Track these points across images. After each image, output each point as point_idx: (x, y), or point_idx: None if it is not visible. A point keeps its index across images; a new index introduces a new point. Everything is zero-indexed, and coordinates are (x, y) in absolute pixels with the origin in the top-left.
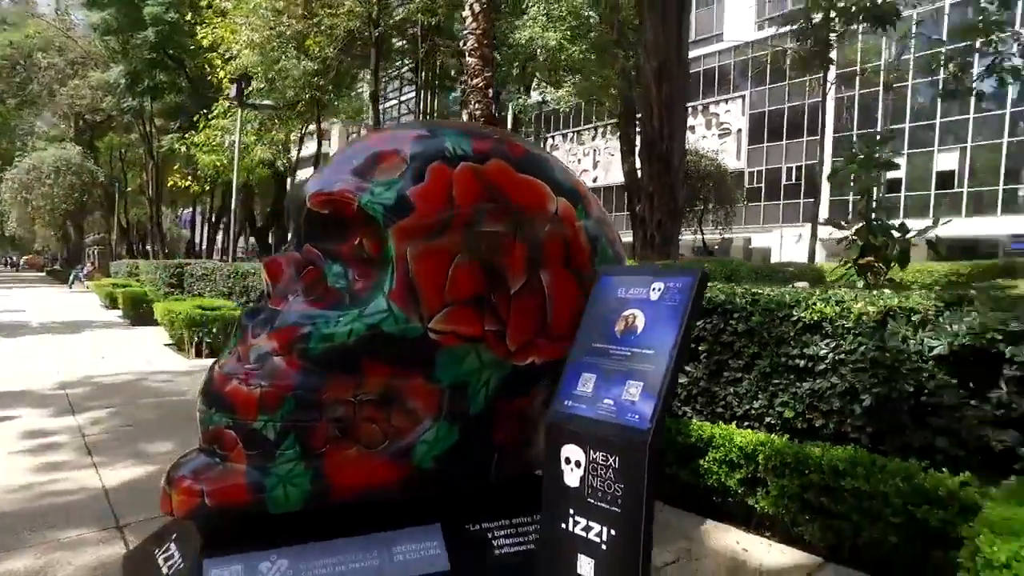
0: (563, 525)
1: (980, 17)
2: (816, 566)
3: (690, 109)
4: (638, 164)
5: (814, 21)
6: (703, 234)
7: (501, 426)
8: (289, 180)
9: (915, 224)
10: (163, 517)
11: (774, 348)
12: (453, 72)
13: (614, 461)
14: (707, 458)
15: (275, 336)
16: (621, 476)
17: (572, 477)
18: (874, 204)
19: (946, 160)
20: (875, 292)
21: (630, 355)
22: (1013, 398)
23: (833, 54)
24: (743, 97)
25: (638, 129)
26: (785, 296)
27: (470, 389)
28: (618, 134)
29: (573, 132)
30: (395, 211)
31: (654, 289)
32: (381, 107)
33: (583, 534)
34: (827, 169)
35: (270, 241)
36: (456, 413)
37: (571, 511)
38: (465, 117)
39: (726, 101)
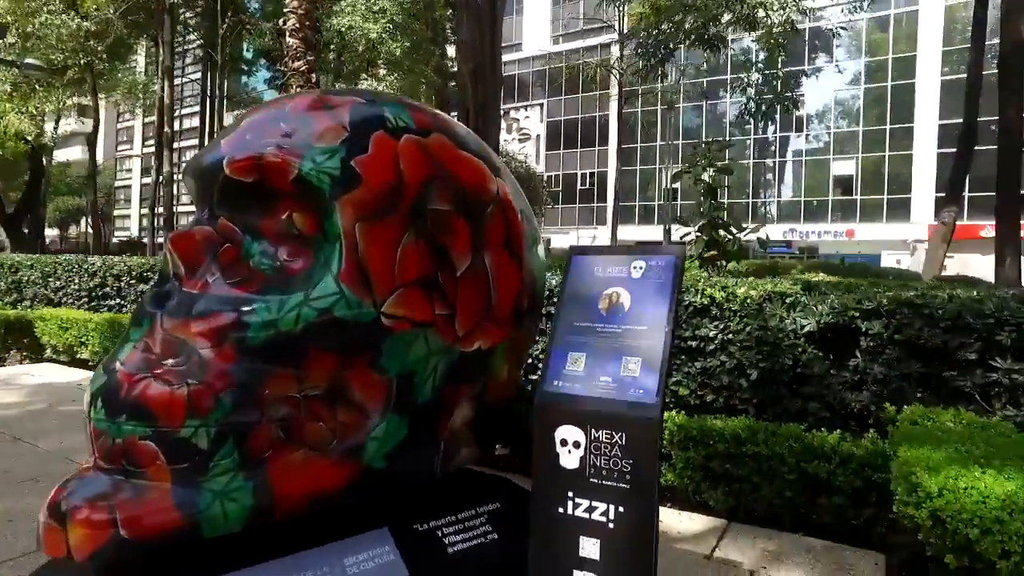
0: (560, 509)
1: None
2: (724, 527)
3: None
4: None
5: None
6: None
7: (446, 417)
8: (45, 159)
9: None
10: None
11: None
12: (253, 52)
13: (620, 438)
14: None
15: (201, 324)
16: (629, 452)
17: (570, 459)
18: (713, 205)
19: None
20: (750, 279)
21: (620, 332)
22: (867, 364)
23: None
24: (541, 105)
25: None
26: None
27: (417, 378)
28: None
29: None
30: (342, 182)
31: (635, 267)
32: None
33: (586, 515)
34: (612, 176)
35: (25, 230)
36: (404, 405)
37: (569, 493)
38: None
39: (526, 108)
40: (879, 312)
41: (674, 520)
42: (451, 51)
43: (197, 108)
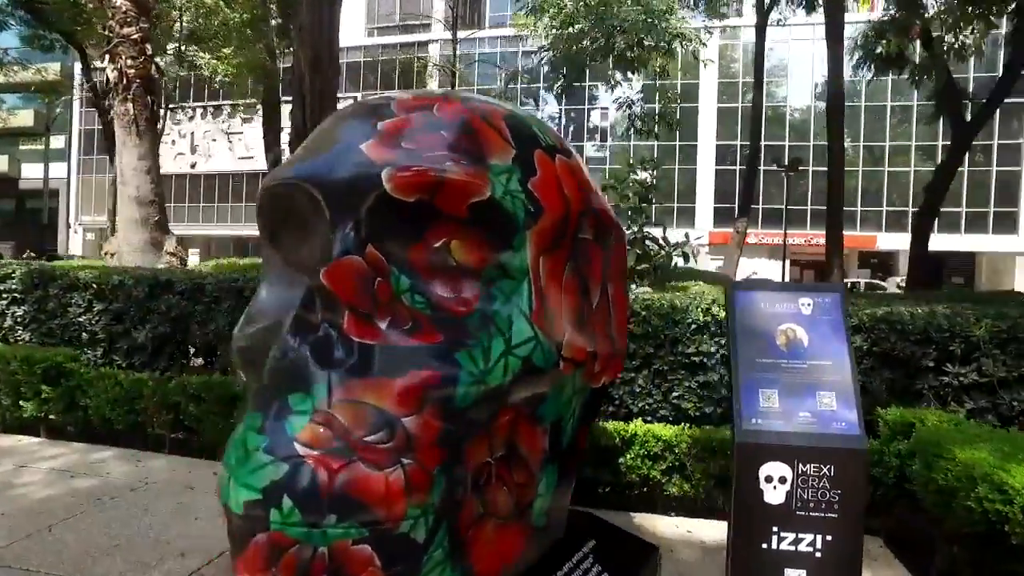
0: (764, 545)
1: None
2: None
3: None
4: (286, 155)
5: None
6: None
7: (576, 460)
8: None
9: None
10: None
11: (669, 348)
12: None
13: (828, 470)
14: (628, 455)
15: (398, 385)
16: (837, 482)
17: (775, 495)
18: (644, 219)
19: None
20: None
21: (807, 367)
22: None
23: None
24: (355, 99)
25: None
26: (676, 301)
27: (563, 422)
28: (261, 118)
29: (205, 107)
30: (530, 209)
31: (803, 304)
32: None
33: (791, 548)
34: None
35: None
36: (555, 453)
37: (774, 528)
38: (112, 75)
39: (343, 101)
40: (860, 327)
41: (697, 527)
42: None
43: None
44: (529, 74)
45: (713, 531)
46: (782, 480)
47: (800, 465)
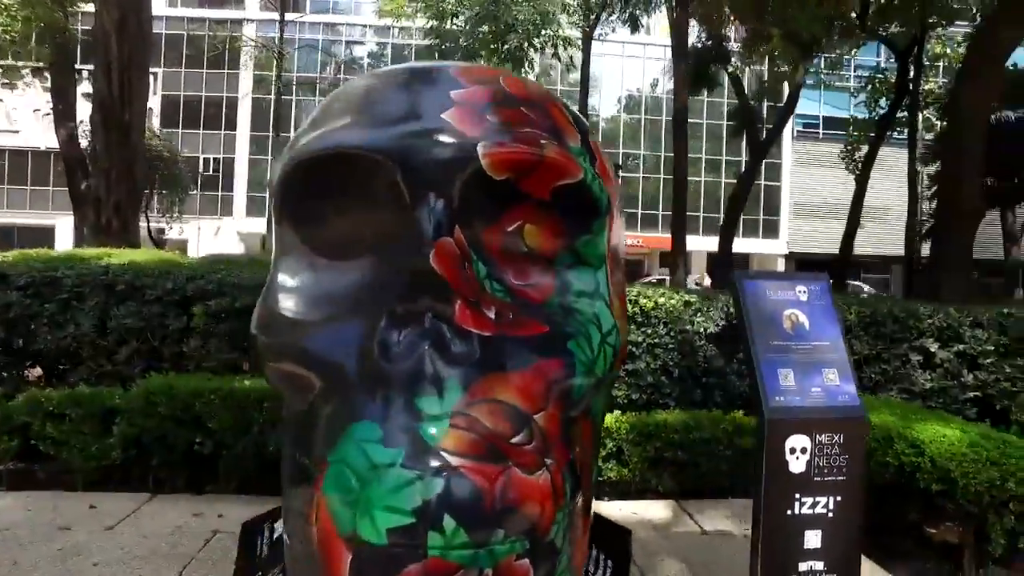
0: (788, 512)
1: None
2: (683, 506)
3: None
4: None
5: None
6: (148, 222)
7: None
8: None
9: None
10: None
11: None
12: None
13: (839, 438)
14: None
15: (527, 379)
16: (845, 449)
17: (798, 464)
18: None
19: None
20: (667, 289)
21: (812, 348)
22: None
23: None
24: (155, 75)
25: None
26: None
27: (600, 417)
28: (49, 86)
29: None
30: (607, 196)
31: (800, 291)
32: None
33: (810, 511)
34: (242, 164)
35: None
36: (597, 447)
37: (797, 495)
38: None
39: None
40: None
41: (640, 508)
42: None
43: None
44: (357, 64)
45: (657, 511)
46: (803, 451)
47: (817, 436)
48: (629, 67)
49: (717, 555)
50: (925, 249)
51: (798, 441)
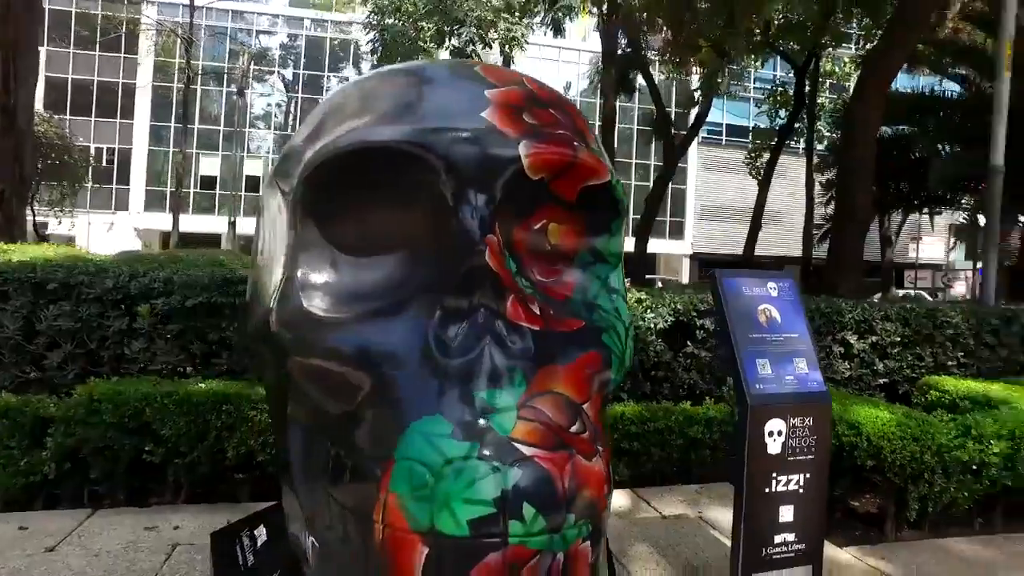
0: (766, 490)
1: None
2: (639, 493)
3: None
4: None
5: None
6: (35, 216)
7: None
8: None
9: None
10: None
11: None
12: None
13: (809, 421)
14: None
15: (579, 371)
16: (813, 430)
17: (775, 446)
18: None
19: (254, 167)
20: None
21: (783, 339)
22: (697, 350)
23: None
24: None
25: None
26: None
27: None
28: None
29: None
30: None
31: (771, 288)
32: None
33: (784, 489)
34: (140, 156)
35: None
36: None
37: (773, 474)
38: None
39: None
40: (711, 312)
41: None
42: None
43: None
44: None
45: (617, 499)
46: (780, 433)
47: (791, 419)
48: (544, 69)
49: (679, 537)
50: (817, 251)
51: (775, 425)
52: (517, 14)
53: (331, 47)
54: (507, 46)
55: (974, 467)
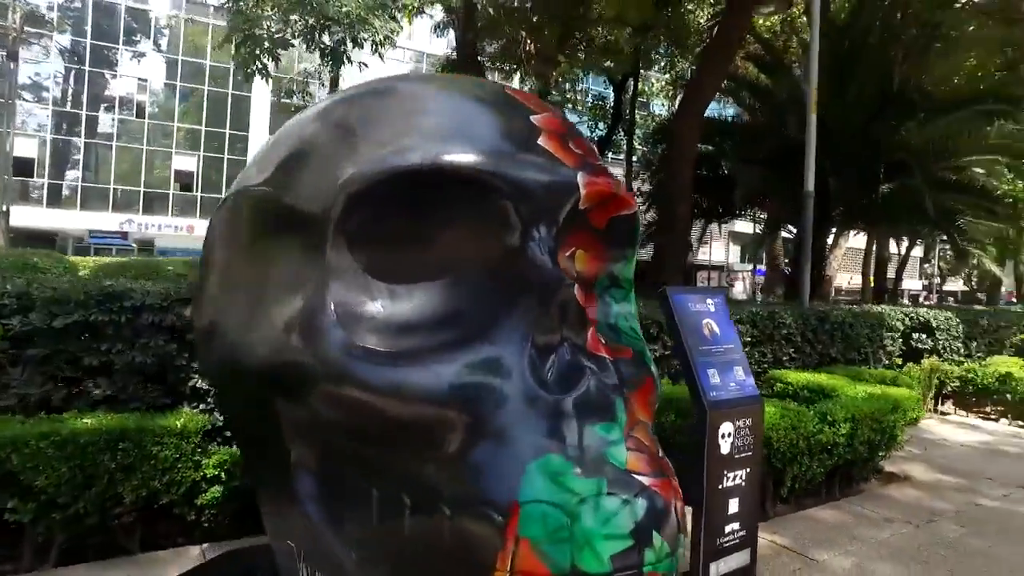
0: (719, 486)
1: None
2: None
3: None
4: None
5: None
6: None
7: None
8: None
9: None
10: None
11: None
12: None
13: (748, 422)
14: None
15: (649, 396)
16: (751, 430)
17: (726, 446)
18: None
19: (25, 147)
20: None
21: (724, 350)
22: None
23: None
24: None
25: None
26: None
27: None
28: None
29: None
30: None
31: (710, 303)
32: None
33: (732, 483)
34: None
35: None
36: None
37: (724, 471)
38: None
39: None
40: None
41: None
42: None
43: None
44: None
45: None
46: (729, 435)
47: (736, 421)
48: (378, 71)
49: None
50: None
51: (726, 428)
52: (389, 14)
53: (125, 15)
54: (377, 47)
55: (828, 447)
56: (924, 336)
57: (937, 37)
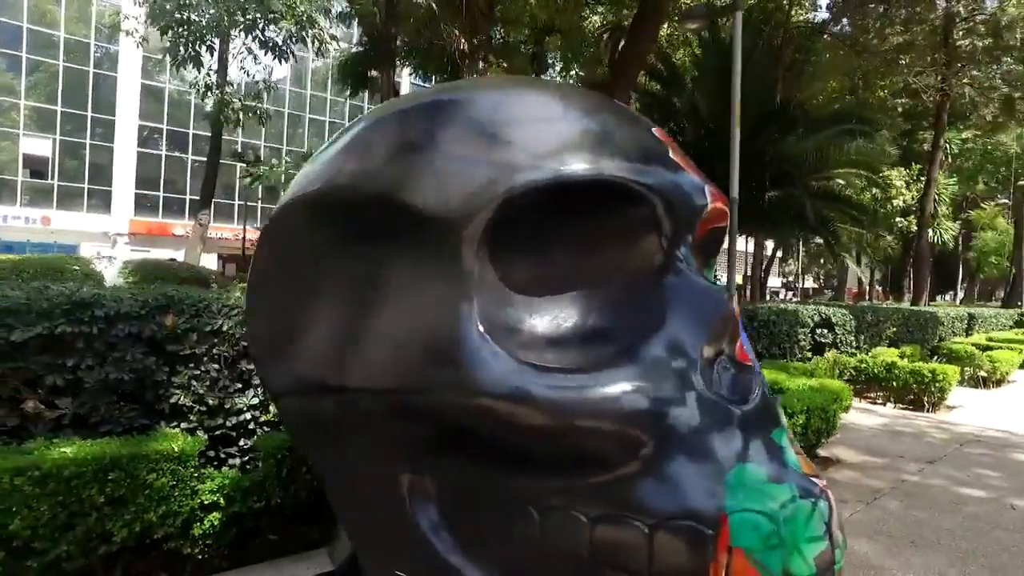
0: None
1: None
2: None
3: None
4: None
5: None
6: None
7: None
8: None
9: None
10: None
11: None
12: None
13: None
14: None
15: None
16: None
17: None
18: None
19: None
20: None
21: None
22: None
23: None
24: None
25: None
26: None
27: None
28: None
29: None
30: None
31: None
32: None
33: None
34: None
35: None
36: None
37: None
38: None
39: None
40: None
41: None
42: None
43: None
44: None
45: None
46: None
47: None
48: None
49: None
50: None
51: None
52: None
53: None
54: (321, 45)
55: None
56: (826, 331)
57: (809, 61)
